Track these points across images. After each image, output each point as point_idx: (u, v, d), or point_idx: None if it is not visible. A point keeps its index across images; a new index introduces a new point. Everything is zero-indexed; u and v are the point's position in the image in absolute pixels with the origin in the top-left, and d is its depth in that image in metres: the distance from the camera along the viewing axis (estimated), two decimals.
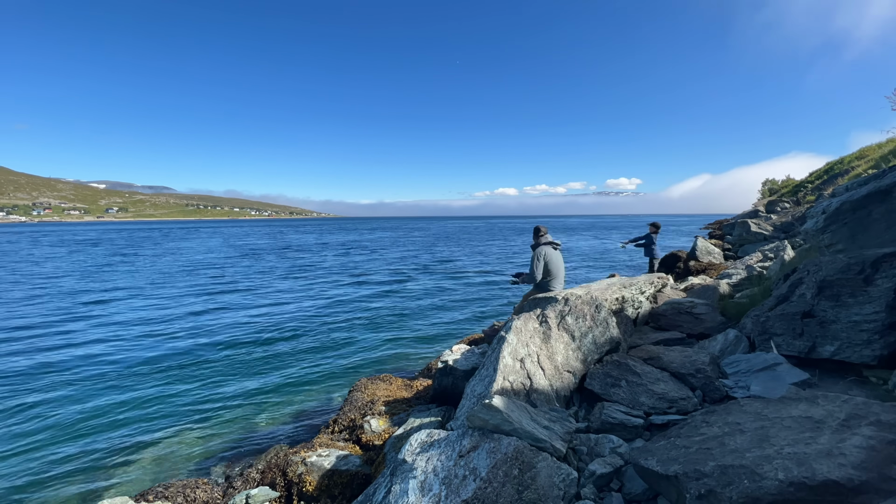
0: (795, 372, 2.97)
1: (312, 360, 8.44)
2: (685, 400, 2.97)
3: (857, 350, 2.88)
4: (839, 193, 5.09)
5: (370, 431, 4.45)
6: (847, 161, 18.96)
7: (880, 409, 1.93)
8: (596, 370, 3.42)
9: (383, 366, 8.10)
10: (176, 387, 7.14)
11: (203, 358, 8.55)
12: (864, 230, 4.09)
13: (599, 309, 3.92)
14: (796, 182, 24.19)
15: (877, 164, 12.77)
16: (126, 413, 6.26)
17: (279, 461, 4.03)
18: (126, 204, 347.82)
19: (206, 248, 37.67)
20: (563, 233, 61.29)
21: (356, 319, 11.80)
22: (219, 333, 10.37)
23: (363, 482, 3.69)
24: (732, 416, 2.25)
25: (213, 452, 5.22)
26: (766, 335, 3.55)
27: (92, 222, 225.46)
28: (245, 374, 7.68)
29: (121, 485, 4.63)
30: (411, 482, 2.21)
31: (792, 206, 17.16)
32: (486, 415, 2.42)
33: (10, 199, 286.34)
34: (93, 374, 7.73)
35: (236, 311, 12.97)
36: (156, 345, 9.44)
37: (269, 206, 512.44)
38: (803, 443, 1.81)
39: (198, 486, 3.95)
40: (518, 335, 3.40)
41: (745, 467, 1.74)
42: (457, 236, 56.74)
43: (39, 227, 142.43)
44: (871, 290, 3.00)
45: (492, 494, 2.05)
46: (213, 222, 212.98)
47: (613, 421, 2.77)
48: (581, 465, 2.45)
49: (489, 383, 2.99)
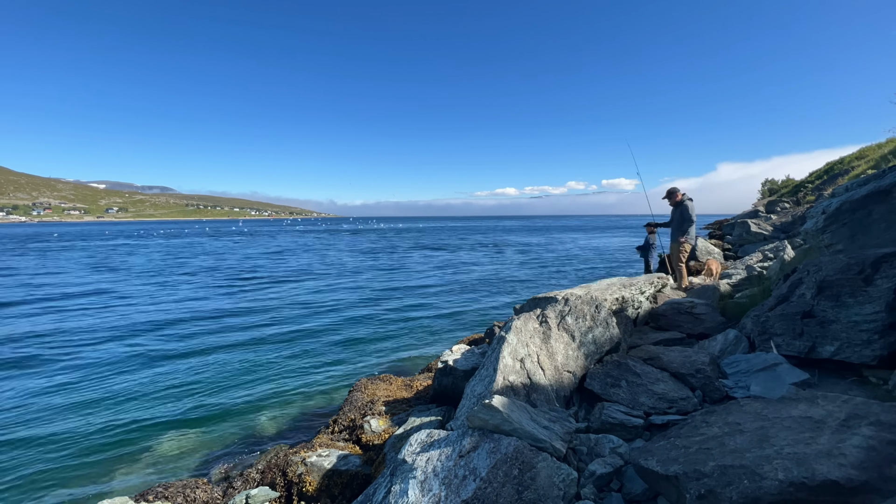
0: (795, 372, 2.97)
1: (312, 360, 8.44)
2: (685, 400, 2.97)
3: (857, 350, 2.88)
4: (839, 193, 5.09)
5: (370, 431, 4.45)
6: (847, 161, 18.96)
7: (880, 409, 1.93)
8: (596, 370, 3.42)
9: (383, 366, 8.11)
10: (175, 387, 7.15)
11: (203, 358, 8.56)
12: (864, 230, 4.08)
13: (599, 309, 3.92)
14: (796, 182, 24.18)
15: (877, 164, 12.77)
16: (126, 413, 6.26)
17: (279, 461, 4.03)
18: (126, 204, 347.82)
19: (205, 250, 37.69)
20: (563, 233, 61.25)
21: (356, 319, 11.81)
22: (218, 334, 10.38)
23: (363, 482, 3.69)
24: (732, 416, 2.25)
25: (213, 452, 5.23)
26: (765, 335, 3.55)
27: (92, 222, 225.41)
28: (245, 374, 7.68)
29: (121, 485, 4.63)
30: (411, 482, 2.21)
31: (792, 206, 17.16)
32: (486, 415, 2.42)
33: (10, 199, 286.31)
34: (93, 375, 7.74)
35: (236, 310, 12.98)
36: (156, 345, 9.44)
37: (269, 206, 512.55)
38: (803, 443, 1.81)
39: (198, 486, 3.95)
40: (518, 335, 3.40)
41: (745, 467, 1.74)
42: (456, 236, 56.75)
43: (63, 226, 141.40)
44: (871, 291, 2.99)
45: (492, 494, 2.05)
46: (231, 222, 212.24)
47: (613, 421, 2.77)
48: (581, 466, 2.45)
49: (489, 383, 2.99)
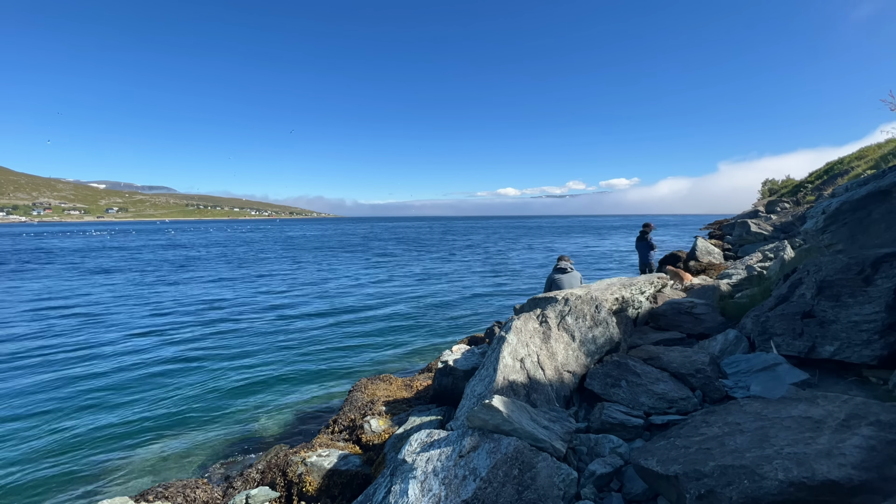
0: (795, 372, 2.97)
1: (313, 360, 8.44)
2: (685, 400, 2.97)
3: (857, 350, 2.88)
4: (839, 193, 5.09)
5: (370, 431, 4.45)
6: (847, 161, 18.95)
7: (880, 409, 1.93)
8: (596, 370, 3.42)
9: (383, 366, 8.10)
10: (176, 387, 7.15)
11: (203, 358, 8.56)
12: (864, 230, 4.08)
13: (599, 309, 3.92)
14: (796, 182, 24.17)
15: (877, 164, 12.76)
16: (126, 413, 6.26)
17: (279, 461, 4.03)
18: (126, 204, 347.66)
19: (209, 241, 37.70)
20: (563, 233, 61.23)
21: (356, 319, 11.81)
22: (218, 334, 10.37)
23: (363, 482, 3.69)
24: (732, 416, 2.25)
25: (213, 452, 5.23)
26: (765, 335, 3.55)
27: (92, 222, 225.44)
28: (245, 375, 7.68)
29: (121, 485, 4.63)
30: (411, 482, 2.21)
31: (792, 206, 17.15)
32: (486, 415, 2.41)
33: (10, 199, 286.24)
34: (93, 375, 7.73)
35: (235, 310, 12.98)
36: (156, 345, 9.44)
37: (269, 206, 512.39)
38: (803, 443, 1.81)
39: (198, 486, 3.95)
40: (518, 335, 3.40)
41: (745, 467, 1.74)
42: (453, 235, 56.72)
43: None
44: (871, 291, 3.00)
45: (492, 494, 2.05)
46: (248, 222, 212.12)
47: (613, 421, 2.77)
48: (581, 466, 2.45)
49: (489, 383, 2.99)
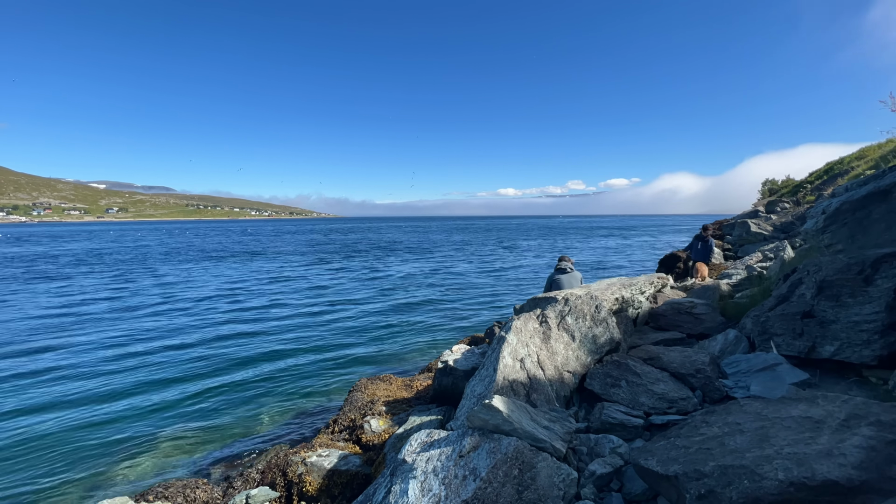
0: (795, 372, 2.97)
1: (313, 360, 8.44)
2: (685, 400, 2.97)
3: (857, 350, 2.88)
4: (839, 193, 5.09)
5: (370, 431, 4.45)
6: (847, 161, 18.93)
7: (880, 409, 1.93)
8: (596, 370, 3.42)
9: (383, 366, 8.11)
10: (176, 387, 7.15)
11: (203, 358, 8.56)
12: (864, 230, 4.08)
13: (599, 309, 3.92)
14: (796, 182, 24.16)
15: (876, 164, 12.75)
16: (126, 413, 6.26)
17: (279, 461, 4.03)
18: (126, 204, 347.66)
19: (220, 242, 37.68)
20: (564, 233, 61.22)
21: (356, 319, 11.81)
22: (218, 334, 10.37)
23: (363, 482, 3.68)
24: (732, 416, 2.25)
25: (213, 452, 5.23)
26: (766, 335, 3.55)
27: (93, 222, 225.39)
28: (245, 374, 7.68)
29: (121, 485, 4.63)
30: (411, 482, 2.21)
31: (792, 206, 17.14)
32: (486, 415, 2.41)
33: (10, 199, 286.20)
34: (92, 375, 7.73)
35: (235, 311, 12.97)
36: (157, 346, 9.44)
37: (269, 206, 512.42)
38: (803, 443, 1.81)
39: (198, 486, 3.95)
40: (518, 335, 3.40)
41: (745, 467, 1.74)
42: (453, 234, 56.74)
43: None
44: (871, 291, 2.99)
45: (492, 495, 2.05)
46: (244, 222, 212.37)
47: (613, 421, 2.77)
48: (581, 466, 2.45)
49: (489, 383, 2.99)
